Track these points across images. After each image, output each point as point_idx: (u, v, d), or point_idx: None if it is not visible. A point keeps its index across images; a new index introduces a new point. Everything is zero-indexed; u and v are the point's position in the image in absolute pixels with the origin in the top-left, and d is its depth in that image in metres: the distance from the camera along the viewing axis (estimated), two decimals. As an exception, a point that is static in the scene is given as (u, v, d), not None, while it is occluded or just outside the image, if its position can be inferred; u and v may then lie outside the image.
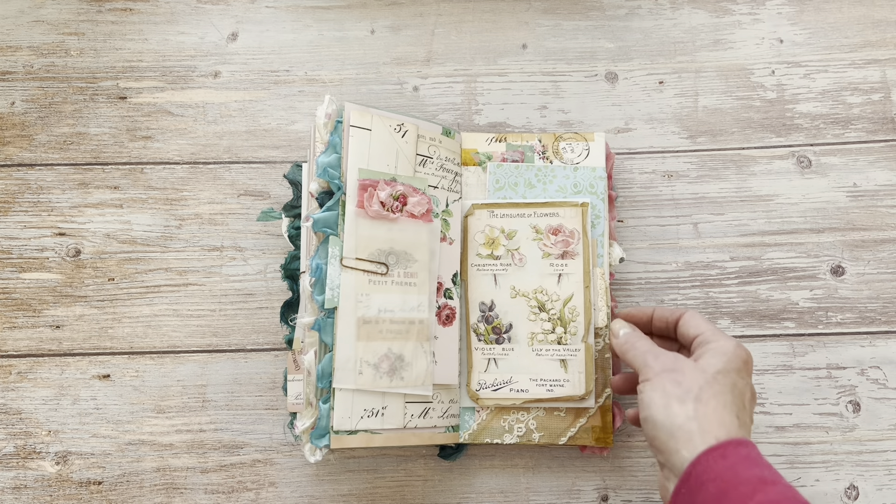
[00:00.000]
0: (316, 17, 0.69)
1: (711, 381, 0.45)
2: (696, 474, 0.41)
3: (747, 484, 0.40)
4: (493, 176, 0.60)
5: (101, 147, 0.65)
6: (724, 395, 0.45)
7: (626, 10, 0.69)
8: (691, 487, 0.41)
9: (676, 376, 0.46)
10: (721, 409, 0.44)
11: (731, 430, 0.43)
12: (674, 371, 0.46)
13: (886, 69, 0.66)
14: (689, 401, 0.44)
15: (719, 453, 0.41)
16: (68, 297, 0.61)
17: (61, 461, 0.58)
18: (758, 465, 0.41)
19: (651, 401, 0.45)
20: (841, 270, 0.62)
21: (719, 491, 0.40)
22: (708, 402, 0.44)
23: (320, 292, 0.53)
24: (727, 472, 0.40)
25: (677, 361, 0.47)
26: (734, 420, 0.44)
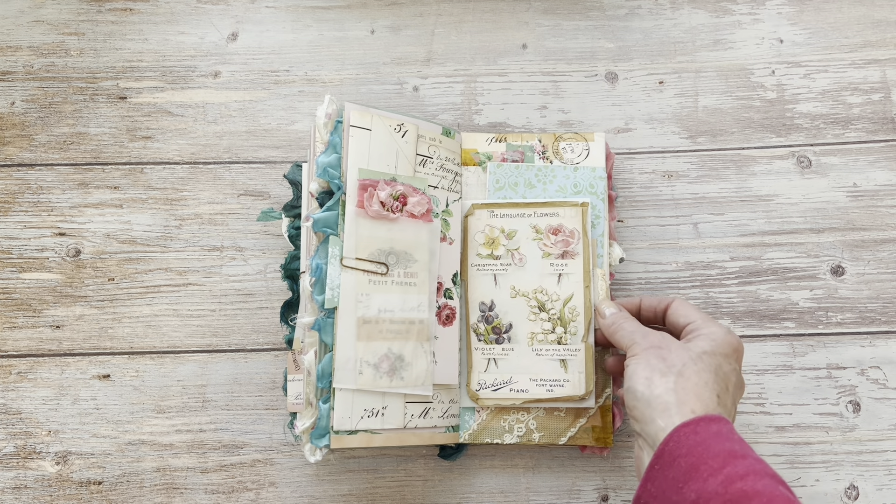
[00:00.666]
0: (316, 17, 0.69)
1: (696, 359, 0.46)
2: (669, 451, 0.42)
3: (716, 457, 0.40)
4: (493, 176, 0.60)
5: (101, 147, 0.65)
6: (706, 373, 0.46)
7: (626, 10, 0.69)
8: (664, 463, 0.42)
9: (662, 352, 0.47)
10: (702, 385, 0.45)
11: (708, 406, 0.44)
12: (660, 348, 0.48)
13: (886, 69, 0.66)
14: (671, 374, 0.45)
15: (691, 429, 0.42)
16: (68, 297, 0.61)
17: (61, 461, 0.58)
18: (729, 439, 0.42)
19: (634, 373, 0.47)
20: (841, 270, 0.62)
21: (689, 465, 0.41)
22: (689, 378, 0.45)
23: (320, 292, 0.53)
24: (698, 447, 0.41)
25: (664, 339, 0.49)
26: (713, 398, 0.45)
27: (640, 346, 0.48)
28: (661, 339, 0.49)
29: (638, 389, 0.46)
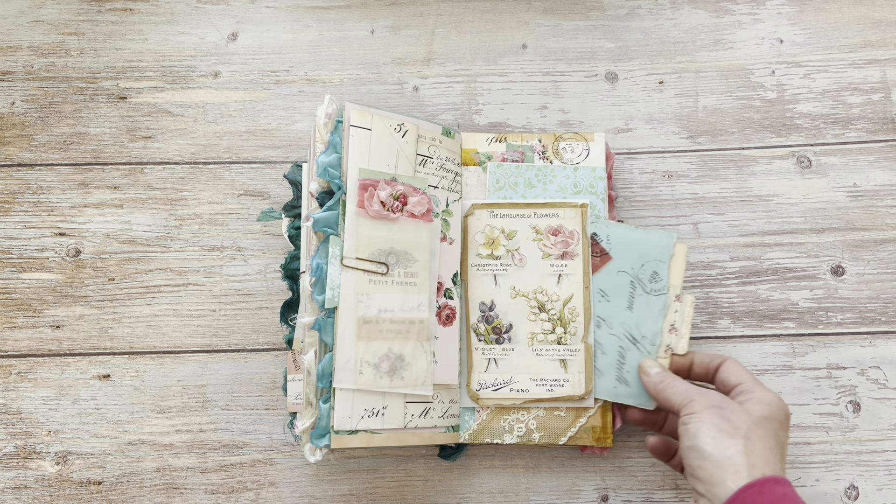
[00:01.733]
0: (316, 17, 0.69)
1: (759, 423, 0.46)
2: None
3: None
4: (493, 176, 0.60)
5: (101, 147, 0.65)
6: (769, 438, 0.46)
7: (626, 10, 0.69)
8: None
9: (725, 412, 0.47)
10: (767, 450, 0.45)
11: (775, 469, 0.44)
12: (721, 407, 0.47)
13: (886, 69, 0.66)
14: (738, 436, 0.45)
15: (756, 490, 0.42)
16: (68, 297, 0.61)
17: (61, 461, 0.58)
18: (793, 503, 0.42)
19: (699, 431, 0.46)
20: (841, 270, 0.62)
21: None
22: (756, 442, 0.45)
23: (320, 292, 0.53)
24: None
25: (723, 399, 0.48)
26: (779, 464, 0.45)
27: (699, 404, 0.48)
28: (719, 399, 0.48)
29: (706, 449, 0.45)
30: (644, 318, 0.56)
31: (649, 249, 0.57)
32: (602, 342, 0.57)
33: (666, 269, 0.56)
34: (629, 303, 0.57)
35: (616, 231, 0.57)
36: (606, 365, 0.56)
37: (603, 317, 0.57)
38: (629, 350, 0.56)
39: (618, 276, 0.57)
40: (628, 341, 0.56)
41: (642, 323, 0.56)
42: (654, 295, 0.56)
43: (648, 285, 0.57)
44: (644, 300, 0.56)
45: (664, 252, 0.56)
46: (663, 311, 0.56)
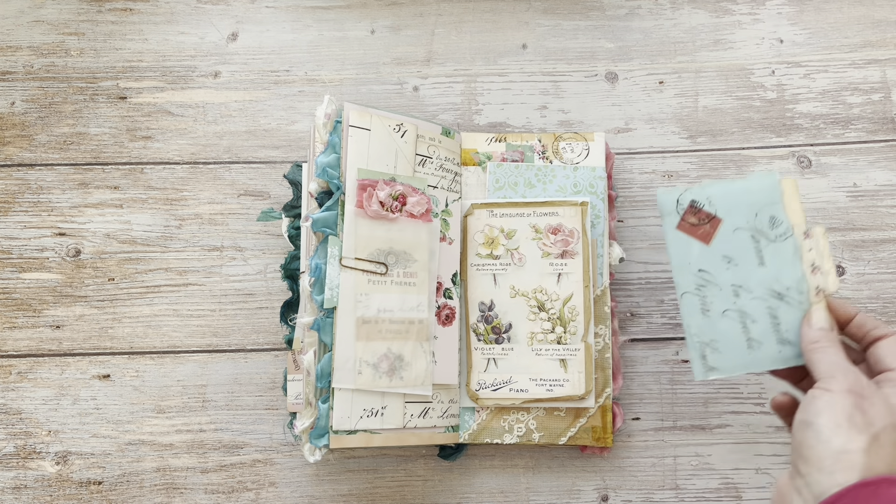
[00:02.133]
0: (316, 17, 0.69)
1: (894, 423, 0.42)
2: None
3: None
4: (493, 176, 0.60)
5: (101, 147, 0.65)
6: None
7: (626, 10, 0.69)
8: None
9: (863, 403, 0.42)
10: (893, 463, 0.40)
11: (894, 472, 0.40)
12: (861, 396, 0.43)
13: (886, 69, 0.66)
14: (866, 433, 0.41)
15: (871, 490, 0.38)
16: (68, 297, 0.61)
17: (61, 461, 0.58)
18: None
19: (822, 411, 0.42)
20: (841, 270, 0.62)
21: None
22: (885, 446, 0.41)
23: (319, 292, 0.53)
24: None
25: (868, 387, 0.43)
26: None
27: (838, 383, 0.43)
28: (864, 386, 0.43)
29: (823, 432, 0.41)
30: (781, 269, 0.51)
31: (756, 196, 0.51)
32: (748, 310, 0.51)
33: (781, 209, 0.51)
34: (759, 259, 0.51)
35: (714, 190, 0.52)
36: (762, 332, 0.50)
37: (739, 283, 0.51)
38: (779, 308, 0.50)
39: (735, 236, 0.51)
40: (775, 299, 0.51)
41: (781, 274, 0.50)
42: (780, 241, 0.51)
43: (771, 233, 0.51)
44: (773, 250, 0.51)
45: (772, 193, 0.51)
46: (797, 254, 0.50)
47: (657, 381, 0.60)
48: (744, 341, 0.50)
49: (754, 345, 0.50)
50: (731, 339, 0.50)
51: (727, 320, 0.51)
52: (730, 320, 0.51)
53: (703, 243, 0.51)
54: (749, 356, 0.50)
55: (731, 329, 0.50)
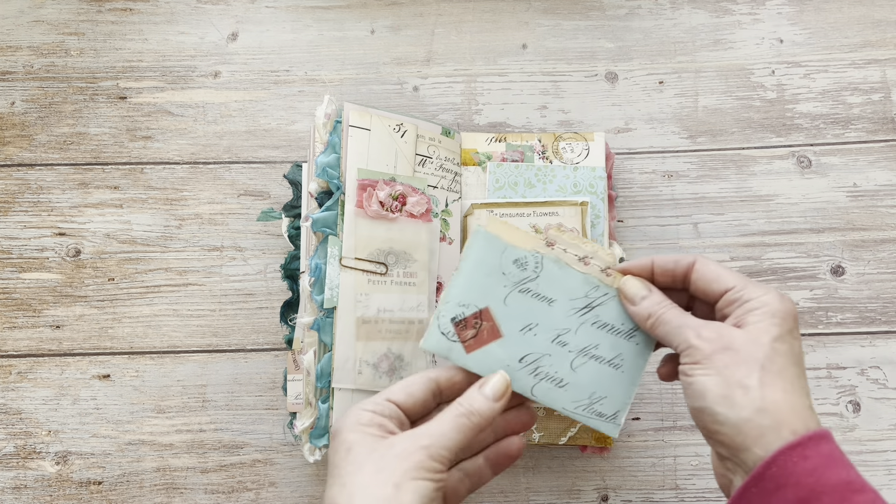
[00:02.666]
0: (316, 17, 0.69)
1: (771, 354, 0.39)
2: (772, 476, 0.36)
3: (833, 492, 0.35)
4: (493, 176, 0.60)
5: (101, 147, 0.65)
6: (788, 369, 0.39)
7: (626, 10, 0.69)
8: (764, 490, 0.36)
9: (731, 356, 0.39)
10: (790, 390, 0.38)
11: (805, 418, 0.38)
12: (727, 349, 0.39)
13: (886, 69, 0.66)
14: (752, 387, 0.38)
15: (799, 453, 0.36)
16: (68, 297, 0.61)
17: (61, 461, 0.58)
18: (842, 464, 0.37)
19: (706, 390, 0.39)
20: (841, 270, 0.62)
21: (799, 499, 0.35)
22: (774, 385, 0.38)
23: (319, 292, 0.53)
24: (808, 476, 0.36)
25: (723, 335, 0.40)
26: (805, 401, 0.38)
27: (700, 351, 0.40)
28: (720, 337, 0.40)
29: (719, 412, 0.38)
30: (566, 289, 0.47)
31: (488, 259, 0.47)
32: (584, 343, 0.47)
33: (514, 249, 0.47)
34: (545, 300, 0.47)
35: (456, 292, 0.46)
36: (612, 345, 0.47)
37: (555, 335, 0.47)
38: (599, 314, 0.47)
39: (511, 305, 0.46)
40: (588, 312, 0.47)
41: (570, 292, 0.47)
42: (540, 271, 0.47)
43: (528, 272, 0.47)
44: (544, 282, 0.47)
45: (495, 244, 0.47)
46: (562, 266, 0.47)
47: (657, 381, 0.60)
48: (609, 369, 0.47)
49: (618, 361, 0.47)
50: (600, 379, 0.47)
51: (582, 369, 0.47)
52: (583, 366, 0.47)
53: (498, 339, 0.46)
54: (626, 374, 0.47)
55: (591, 370, 0.47)
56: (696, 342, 0.41)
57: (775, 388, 0.38)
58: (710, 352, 0.40)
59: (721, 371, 0.39)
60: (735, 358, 0.39)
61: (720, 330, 0.41)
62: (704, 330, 0.41)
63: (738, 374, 0.38)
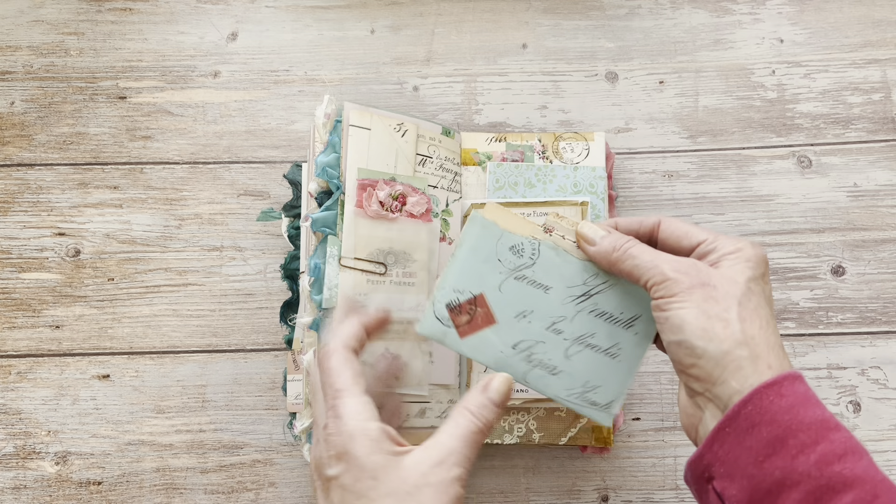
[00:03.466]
0: (316, 17, 0.69)
1: (747, 292, 0.39)
2: (746, 414, 0.36)
3: (808, 430, 0.35)
4: (493, 175, 0.60)
5: (100, 147, 0.65)
6: (762, 308, 0.39)
7: (626, 10, 0.68)
8: (738, 428, 0.36)
9: (710, 291, 0.39)
10: (766, 327, 0.38)
11: (780, 356, 0.38)
12: (704, 284, 0.39)
13: (887, 69, 0.66)
14: (732, 320, 0.38)
15: (775, 391, 0.36)
16: (68, 297, 0.61)
17: (61, 461, 0.58)
18: (816, 404, 0.36)
19: (684, 322, 0.39)
20: (841, 270, 0.62)
21: (774, 437, 0.35)
22: (752, 321, 0.38)
23: (319, 292, 0.53)
24: (784, 414, 0.36)
25: (701, 271, 0.40)
26: (778, 339, 0.39)
27: (677, 284, 0.39)
28: (698, 271, 0.40)
29: (698, 345, 0.38)
30: (563, 276, 0.46)
31: (484, 245, 0.46)
32: (581, 331, 0.46)
33: (511, 235, 0.46)
34: (541, 288, 0.46)
35: (452, 278, 0.46)
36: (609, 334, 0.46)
37: (550, 322, 0.46)
38: (598, 303, 0.46)
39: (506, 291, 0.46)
40: (586, 300, 0.46)
41: (567, 279, 0.46)
42: (538, 258, 0.46)
43: (525, 259, 0.46)
44: (541, 270, 0.46)
45: (492, 230, 0.46)
46: (561, 253, 0.46)
47: (657, 381, 0.60)
48: (605, 358, 0.46)
49: (615, 351, 0.46)
50: (595, 368, 0.46)
51: (577, 357, 0.46)
52: (578, 354, 0.46)
53: (492, 325, 0.46)
54: (622, 364, 0.46)
55: (586, 359, 0.46)
56: (673, 275, 0.40)
57: (752, 323, 0.38)
58: (687, 285, 0.39)
59: (699, 304, 0.39)
60: (713, 293, 0.39)
61: (696, 265, 0.40)
62: (680, 264, 0.41)
63: (718, 307, 0.38)
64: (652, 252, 0.42)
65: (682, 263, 0.41)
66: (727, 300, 0.39)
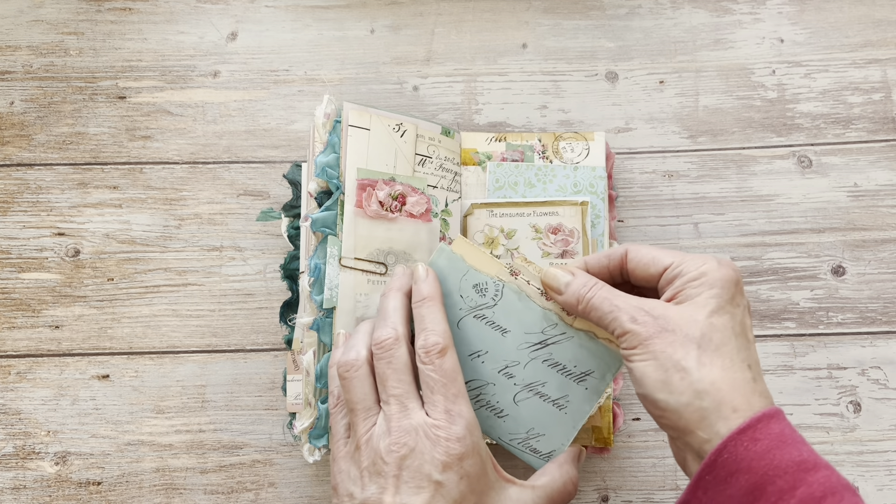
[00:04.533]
0: (316, 16, 0.68)
1: (708, 331, 0.38)
2: (723, 463, 0.36)
3: (785, 474, 0.35)
4: (493, 175, 0.60)
5: (100, 147, 0.65)
6: (727, 344, 0.38)
7: (626, 10, 0.68)
8: (718, 477, 0.36)
9: (667, 338, 0.38)
10: (730, 367, 0.37)
11: (748, 394, 0.37)
12: (663, 330, 0.39)
13: (887, 69, 0.66)
14: (690, 368, 0.37)
15: (749, 436, 0.36)
16: (67, 297, 0.61)
17: (60, 461, 0.58)
18: (793, 443, 0.36)
19: (644, 376, 0.39)
20: (842, 270, 0.62)
21: (752, 485, 0.35)
22: (713, 364, 0.37)
23: (319, 292, 0.53)
24: (760, 459, 0.35)
25: (659, 317, 0.39)
26: (746, 375, 0.37)
27: (636, 336, 0.39)
28: (655, 318, 0.39)
29: (659, 399, 0.38)
30: (522, 321, 0.46)
31: (448, 277, 0.46)
32: (532, 379, 0.46)
33: (475, 272, 0.47)
34: (499, 330, 0.46)
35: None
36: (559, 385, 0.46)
37: (503, 365, 0.46)
38: (553, 352, 0.46)
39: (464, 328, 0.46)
40: (542, 348, 0.46)
41: (525, 325, 0.46)
42: (499, 299, 0.46)
43: (487, 299, 0.47)
44: (501, 311, 0.46)
45: (458, 264, 0.47)
46: (523, 298, 0.46)
47: (657, 381, 0.60)
48: (552, 408, 0.46)
49: (563, 402, 0.47)
50: (542, 417, 0.46)
51: (525, 404, 0.46)
52: (526, 401, 0.46)
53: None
54: (568, 417, 0.47)
55: (534, 407, 0.46)
56: (631, 326, 0.40)
57: (714, 366, 0.37)
58: (646, 336, 0.39)
59: (657, 355, 0.38)
60: (671, 339, 0.38)
61: (655, 310, 0.40)
62: (638, 313, 0.40)
63: (676, 356, 0.38)
64: (612, 301, 0.41)
65: (639, 312, 0.40)
66: (686, 346, 0.38)
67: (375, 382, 0.44)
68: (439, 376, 0.42)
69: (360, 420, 0.43)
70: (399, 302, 0.46)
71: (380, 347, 0.44)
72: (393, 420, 0.42)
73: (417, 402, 0.42)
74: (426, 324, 0.44)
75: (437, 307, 0.45)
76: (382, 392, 0.43)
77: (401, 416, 0.42)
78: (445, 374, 0.42)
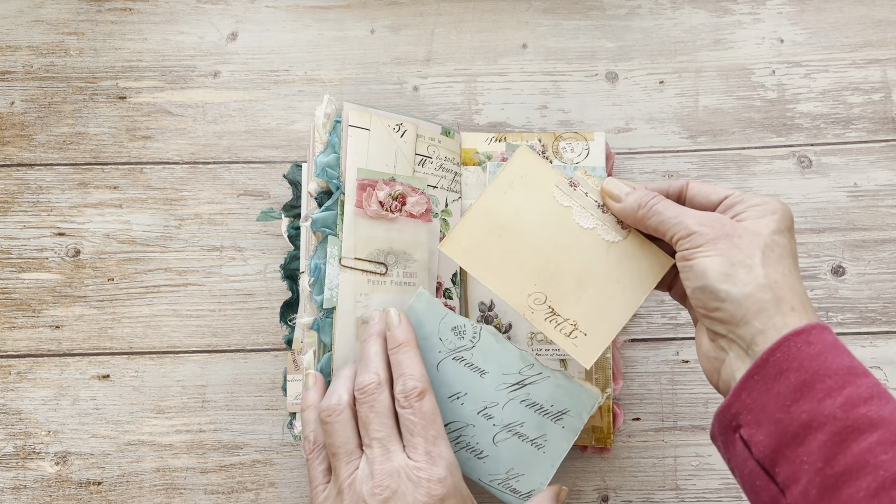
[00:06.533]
0: (316, 16, 0.68)
1: (771, 243, 0.40)
2: (775, 361, 0.37)
3: (835, 375, 0.36)
4: (493, 175, 0.60)
5: (100, 147, 0.65)
6: (786, 258, 0.40)
7: (626, 10, 0.68)
8: (767, 375, 0.37)
9: (733, 241, 0.40)
10: (788, 275, 0.40)
11: (804, 301, 0.39)
12: (729, 236, 0.41)
13: (887, 69, 0.66)
14: (755, 267, 0.39)
15: (803, 339, 0.37)
16: (68, 297, 0.61)
17: (61, 461, 0.58)
18: (844, 352, 0.37)
19: (708, 268, 0.40)
20: (841, 270, 0.62)
21: (802, 382, 0.36)
22: (775, 268, 0.39)
23: (319, 292, 0.53)
24: (812, 360, 0.36)
25: (725, 224, 0.41)
26: (802, 288, 0.40)
27: (702, 236, 0.41)
28: (722, 225, 0.41)
29: (721, 289, 0.39)
30: (500, 363, 0.47)
31: (427, 321, 0.47)
32: (511, 420, 0.47)
33: (453, 315, 0.48)
34: (477, 371, 0.48)
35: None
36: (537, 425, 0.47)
37: (481, 406, 0.47)
38: (530, 393, 0.47)
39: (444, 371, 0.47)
40: (519, 389, 0.47)
41: (504, 366, 0.47)
42: (477, 342, 0.47)
43: (465, 341, 0.48)
44: (479, 354, 0.47)
45: (436, 308, 0.48)
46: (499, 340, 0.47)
47: (657, 381, 0.60)
48: (531, 448, 0.47)
49: (541, 441, 0.48)
50: (520, 457, 0.47)
51: (504, 444, 0.47)
52: (505, 441, 0.47)
53: None
54: (547, 456, 0.48)
55: (513, 447, 0.47)
56: (697, 228, 0.42)
57: (776, 271, 0.39)
58: (711, 236, 0.41)
59: (723, 252, 0.40)
60: (737, 242, 0.40)
61: (721, 219, 0.42)
62: (704, 218, 0.42)
63: (741, 255, 0.40)
64: (677, 208, 0.43)
65: (706, 217, 0.42)
66: (751, 248, 0.40)
67: (357, 427, 0.45)
68: (419, 419, 0.43)
69: (343, 464, 0.44)
70: (380, 347, 0.47)
71: (363, 392, 0.45)
72: (376, 463, 0.43)
73: (399, 445, 0.44)
74: (403, 369, 0.45)
75: (413, 352, 0.46)
76: (365, 436, 0.44)
77: (383, 460, 0.43)
78: (425, 417, 0.43)
